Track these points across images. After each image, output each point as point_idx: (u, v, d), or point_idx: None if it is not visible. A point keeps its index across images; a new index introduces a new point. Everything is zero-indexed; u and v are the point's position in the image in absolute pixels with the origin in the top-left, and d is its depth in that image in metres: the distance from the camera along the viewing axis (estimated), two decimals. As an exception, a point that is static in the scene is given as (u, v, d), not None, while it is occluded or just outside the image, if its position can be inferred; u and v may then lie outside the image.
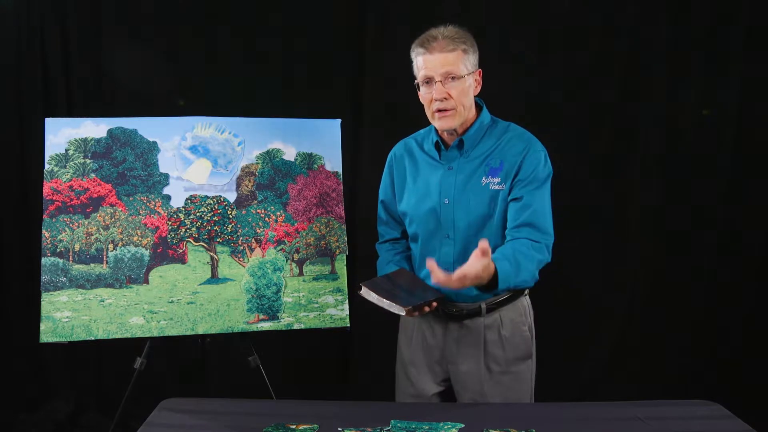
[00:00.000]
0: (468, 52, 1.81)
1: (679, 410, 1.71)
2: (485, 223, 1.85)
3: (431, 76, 1.80)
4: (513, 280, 1.72)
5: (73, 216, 2.29)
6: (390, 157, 2.08)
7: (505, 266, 1.69)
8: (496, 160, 1.85)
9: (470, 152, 1.89)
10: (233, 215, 2.37)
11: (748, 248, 3.17)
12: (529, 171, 1.83)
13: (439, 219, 1.88)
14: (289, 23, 3.11)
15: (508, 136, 1.89)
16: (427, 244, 1.94)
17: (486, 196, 1.84)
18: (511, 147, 1.86)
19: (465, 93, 1.82)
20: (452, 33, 1.80)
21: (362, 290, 1.79)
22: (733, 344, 3.21)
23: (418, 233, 1.96)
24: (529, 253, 1.76)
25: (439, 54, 1.78)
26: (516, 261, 1.72)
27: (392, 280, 1.88)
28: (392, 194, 2.06)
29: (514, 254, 1.74)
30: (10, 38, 3.08)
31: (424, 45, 1.80)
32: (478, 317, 1.90)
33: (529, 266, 1.76)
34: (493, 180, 1.84)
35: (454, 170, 1.89)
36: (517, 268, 1.72)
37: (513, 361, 1.92)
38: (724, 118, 3.13)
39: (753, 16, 3.05)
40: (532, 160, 1.84)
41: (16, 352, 3.15)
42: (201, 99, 3.00)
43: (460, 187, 1.87)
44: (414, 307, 1.74)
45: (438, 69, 1.78)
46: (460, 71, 1.79)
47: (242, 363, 2.37)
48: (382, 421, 1.61)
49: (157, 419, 1.67)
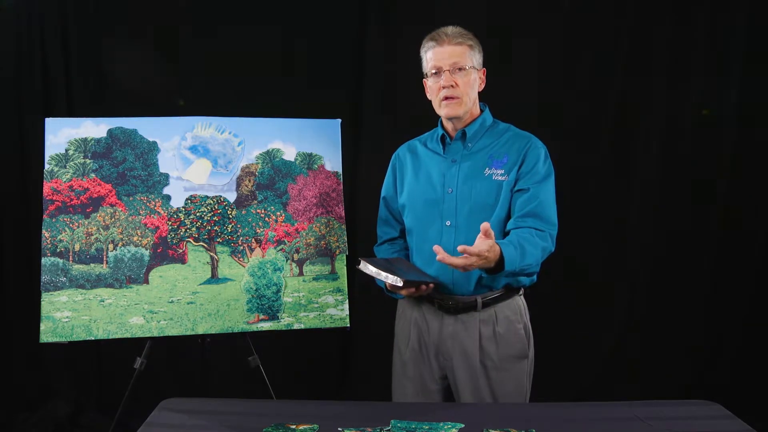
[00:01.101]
0: (474, 49, 1.93)
1: (679, 410, 1.71)
2: (487, 212, 1.91)
3: (440, 66, 1.91)
4: (518, 263, 1.77)
5: (73, 216, 2.29)
6: (394, 157, 2.15)
7: (510, 250, 1.75)
8: (499, 153, 1.94)
9: (473, 146, 1.97)
10: (233, 215, 2.37)
11: (749, 248, 3.17)
12: (532, 164, 1.91)
13: (441, 208, 1.94)
14: (289, 23, 3.11)
15: (509, 134, 1.99)
16: (425, 233, 1.97)
17: (489, 185, 1.91)
18: (513, 143, 1.96)
19: (470, 85, 1.93)
20: (460, 30, 1.93)
21: (361, 264, 1.84)
22: (733, 344, 3.21)
23: (416, 223, 2.00)
24: (533, 240, 1.83)
25: (449, 46, 1.90)
26: (521, 246, 1.79)
27: (390, 263, 1.92)
28: (394, 191, 2.11)
29: (519, 240, 1.81)
30: (10, 38, 3.08)
31: (435, 39, 1.93)
32: (473, 311, 1.93)
33: (534, 252, 1.82)
34: (497, 171, 1.92)
35: (457, 162, 1.96)
36: (522, 253, 1.78)
37: (507, 358, 1.94)
38: (724, 118, 3.13)
39: (753, 16, 3.05)
40: (534, 155, 1.93)
41: (16, 352, 3.15)
42: (201, 99, 3.00)
43: (463, 177, 1.94)
44: (411, 281, 1.79)
45: (447, 60, 1.90)
46: (466, 63, 1.91)
47: (242, 363, 2.37)
48: (382, 421, 1.61)
49: (157, 419, 1.66)
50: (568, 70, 3.14)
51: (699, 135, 3.14)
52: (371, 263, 1.83)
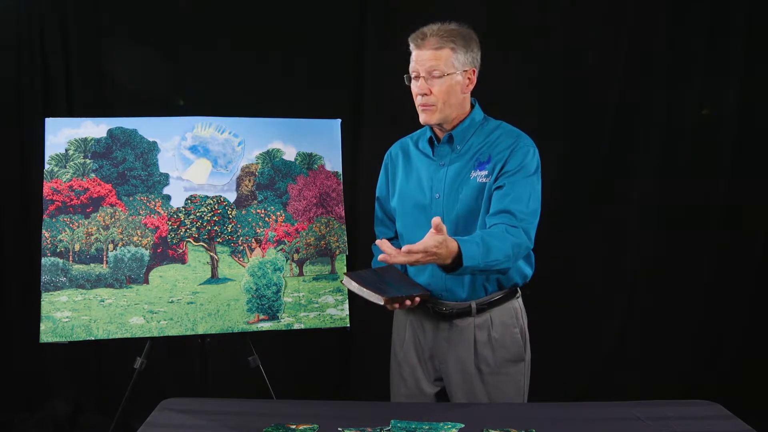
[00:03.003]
0: (457, 51, 1.83)
1: (679, 410, 1.71)
2: (473, 216, 1.87)
3: (417, 71, 1.84)
4: (481, 259, 1.68)
5: (73, 216, 2.29)
6: (386, 156, 2.11)
7: (469, 246, 1.67)
8: (484, 154, 1.88)
9: (461, 148, 1.92)
10: (233, 215, 2.37)
11: (748, 248, 3.17)
12: (515, 164, 1.84)
13: (429, 214, 1.89)
14: (289, 23, 3.11)
15: (497, 132, 1.91)
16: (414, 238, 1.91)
17: (474, 189, 1.86)
18: (499, 143, 1.88)
19: (448, 91, 1.84)
20: (443, 31, 1.83)
21: (344, 279, 1.81)
22: (733, 344, 3.21)
23: (406, 229, 1.98)
24: (502, 235, 1.74)
25: (427, 51, 1.82)
26: (484, 242, 1.70)
27: (378, 274, 1.88)
28: (387, 191, 2.09)
29: (483, 236, 1.72)
30: (10, 38, 3.08)
31: (415, 41, 1.85)
32: (468, 317, 1.91)
33: (502, 246, 1.72)
34: (480, 173, 1.86)
35: (445, 166, 1.92)
36: (486, 249, 1.69)
37: (503, 362, 1.93)
38: (724, 118, 3.13)
39: (753, 16, 3.05)
40: (519, 154, 1.85)
41: (16, 352, 3.15)
42: (201, 99, 3.00)
43: (450, 182, 1.89)
44: (392, 298, 1.74)
45: (423, 65, 1.82)
46: (444, 69, 1.82)
47: (242, 363, 2.37)
48: (382, 421, 1.61)
49: (157, 419, 1.66)
50: (568, 70, 3.14)
51: (699, 135, 3.14)
52: (355, 278, 1.79)
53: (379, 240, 1.68)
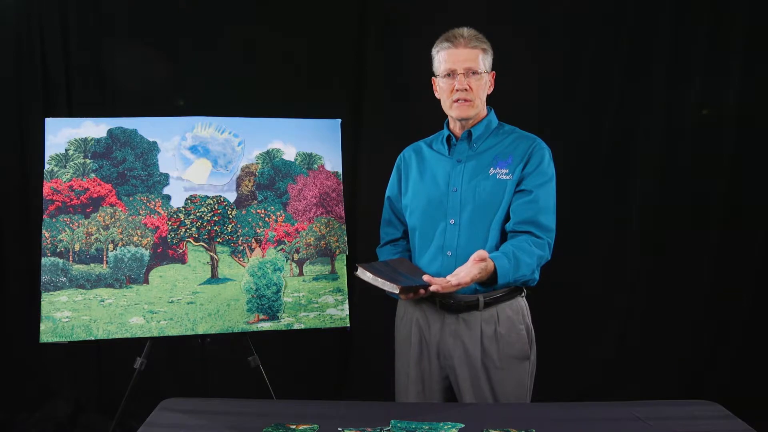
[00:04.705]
0: (486, 53, 1.96)
1: (679, 410, 1.71)
2: (491, 211, 1.93)
3: (454, 69, 1.93)
4: (512, 275, 1.83)
5: (73, 216, 2.29)
6: (399, 158, 2.16)
7: (503, 263, 1.81)
8: (504, 153, 1.97)
9: (478, 147, 1.99)
10: (233, 215, 2.37)
11: (748, 248, 3.16)
12: (536, 163, 1.94)
13: (446, 207, 1.96)
14: (289, 23, 3.11)
15: (514, 135, 2.01)
16: (428, 231, 1.99)
17: (494, 184, 1.93)
18: (518, 144, 1.98)
19: (482, 88, 1.96)
20: (474, 33, 1.95)
21: (358, 270, 1.84)
22: (733, 344, 3.21)
23: (420, 222, 2.02)
24: (529, 249, 1.86)
25: (464, 49, 1.92)
26: (515, 257, 1.83)
27: (390, 266, 1.92)
28: (398, 191, 2.12)
29: (514, 251, 1.84)
30: (10, 38, 3.08)
31: (450, 40, 1.94)
32: (475, 311, 1.93)
33: (529, 261, 1.86)
34: (501, 171, 1.95)
35: (462, 162, 1.98)
36: (517, 264, 1.83)
37: (508, 358, 1.94)
38: (724, 118, 3.13)
39: (753, 16, 3.05)
40: (539, 155, 1.96)
41: (16, 352, 3.15)
42: (201, 99, 3.00)
43: (468, 176, 1.96)
44: (408, 287, 1.79)
45: (461, 63, 1.92)
46: (480, 67, 1.93)
47: (242, 363, 2.37)
48: (382, 421, 1.61)
49: (157, 419, 1.66)
50: (568, 70, 3.14)
51: (699, 135, 3.14)
52: (369, 269, 1.83)
53: (427, 276, 1.79)
